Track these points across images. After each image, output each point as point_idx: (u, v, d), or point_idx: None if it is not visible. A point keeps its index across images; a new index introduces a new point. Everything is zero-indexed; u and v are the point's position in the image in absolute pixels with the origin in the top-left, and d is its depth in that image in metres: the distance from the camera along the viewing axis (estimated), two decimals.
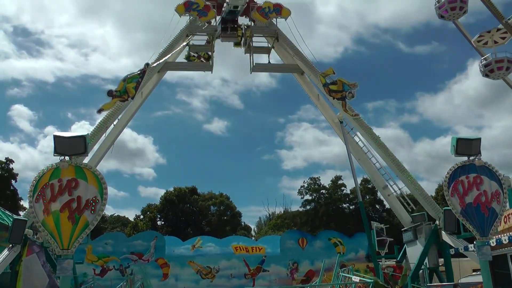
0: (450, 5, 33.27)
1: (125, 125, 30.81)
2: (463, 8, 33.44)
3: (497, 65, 33.52)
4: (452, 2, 33.28)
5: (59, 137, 20.41)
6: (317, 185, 78.99)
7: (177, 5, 32.78)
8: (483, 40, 34.48)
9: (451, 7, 33.31)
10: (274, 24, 33.88)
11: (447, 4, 33.37)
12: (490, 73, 33.95)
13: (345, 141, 31.15)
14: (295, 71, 34.03)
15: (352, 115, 30.28)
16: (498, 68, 33.54)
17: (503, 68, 33.61)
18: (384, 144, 30.31)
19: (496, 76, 34.14)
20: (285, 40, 33.30)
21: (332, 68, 30.45)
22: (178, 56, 32.92)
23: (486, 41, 34.40)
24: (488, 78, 34.62)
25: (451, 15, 33.75)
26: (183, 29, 32.51)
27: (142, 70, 28.23)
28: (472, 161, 21.32)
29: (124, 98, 27.48)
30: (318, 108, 34.25)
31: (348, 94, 29.77)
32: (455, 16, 33.99)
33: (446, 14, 33.73)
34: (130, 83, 27.77)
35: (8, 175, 60.54)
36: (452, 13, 33.54)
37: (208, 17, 33.10)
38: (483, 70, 34.17)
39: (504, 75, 34.31)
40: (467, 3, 33.48)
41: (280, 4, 34.04)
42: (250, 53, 34.05)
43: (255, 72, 35.50)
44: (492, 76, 34.19)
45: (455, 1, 33.25)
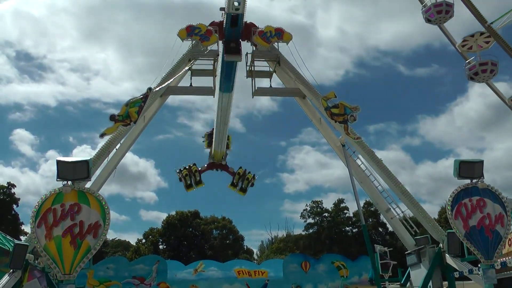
0: (436, 8, 33.76)
1: (127, 150, 30.73)
2: (449, 11, 33.90)
3: (481, 68, 33.77)
4: (438, 6, 33.78)
5: (62, 162, 20.55)
6: (319, 208, 78.97)
7: (179, 30, 32.86)
8: (467, 44, 34.69)
9: (437, 10, 33.86)
10: (275, 48, 33.97)
11: (433, 8, 33.87)
12: (475, 76, 34.22)
13: (347, 165, 31.05)
14: (296, 95, 33.98)
15: (354, 138, 30.25)
16: (482, 71, 33.76)
17: (487, 71, 33.87)
18: (386, 167, 30.22)
19: (481, 79, 34.43)
20: (287, 64, 33.39)
21: (333, 92, 30.64)
22: (181, 80, 32.85)
23: (470, 46, 34.63)
24: (473, 81, 34.94)
25: (438, 19, 34.08)
26: (186, 54, 32.58)
27: (144, 95, 28.35)
28: (475, 184, 21.33)
29: (126, 122, 27.50)
30: (320, 131, 34.10)
31: (350, 117, 29.78)
32: (442, 20, 34.37)
33: (432, 17, 34.13)
34: (132, 107, 27.80)
35: (10, 199, 60.52)
36: (438, 16, 33.95)
37: (210, 42, 33.03)
38: (468, 73, 34.43)
39: (488, 78, 34.58)
40: (453, 7, 33.88)
41: (282, 28, 34.15)
42: (252, 77, 34.02)
43: (257, 96, 35.46)
44: (477, 79, 34.48)
45: (441, 5, 33.80)
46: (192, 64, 32.66)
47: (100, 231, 19.01)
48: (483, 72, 33.43)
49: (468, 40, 34.15)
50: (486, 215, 20.22)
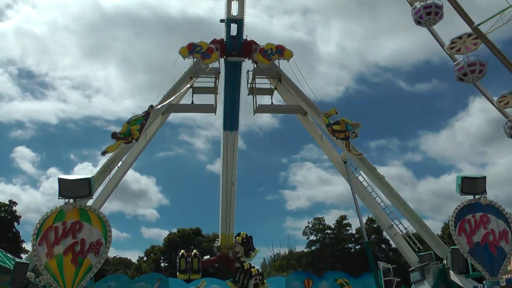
0: (425, 10, 33.91)
1: (129, 167, 30.69)
2: (438, 13, 34.02)
3: (470, 69, 33.86)
4: (427, 7, 33.94)
5: (64, 180, 20.49)
6: (321, 225, 78.51)
7: (180, 48, 32.99)
8: (455, 46, 34.75)
9: (427, 12, 34.00)
10: (276, 65, 34.01)
11: (423, 10, 34.00)
12: (464, 76, 34.31)
13: (349, 181, 31.07)
14: (298, 112, 33.96)
15: (356, 154, 30.28)
16: (471, 71, 33.84)
17: (476, 71, 33.92)
18: (388, 183, 30.12)
19: (470, 79, 34.53)
20: (288, 81, 33.39)
21: (335, 109, 30.89)
22: (182, 98, 32.95)
23: (458, 48, 34.70)
24: (462, 82, 35.07)
25: (427, 20, 34.21)
26: (187, 72, 32.62)
27: (146, 112, 28.63)
28: (478, 200, 21.20)
29: (128, 140, 27.81)
30: (321, 148, 33.97)
31: (352, 134, 30.01)
32: (431, 22, 34.49)
33: (422, 19, 34.24)
34: (134, 125, 28.08)
35: (11, 217, 60.34)
36: (428, 18, 34.12)
37: (212, 60, 33.07)
38: (457, 74, 34.48)
39: (477, 79, 34.66)
40: (442, 8, 33.99)
41: (283, 46, 34.23)
42: (253, 95, 33.99)
43: (258, 114, 35.48)
44: (466, 80, 34.54)
45: (430, 6, 33.94)
46: (193, 82, 32.74)
47: (101, 249, 18.90)
48: (472, 73, 33.60)
49: (456, 42, 34.32)
50: (490, 231, 20.07)
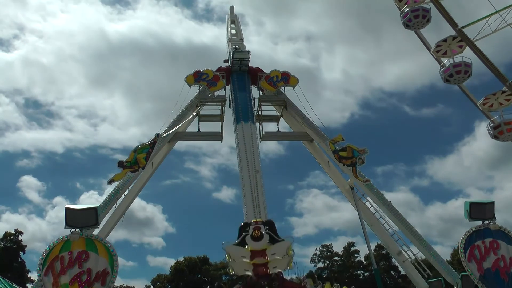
0: (413, 13, 34.35)
1: (135, 196, 30.56)
2: (425, 16, 34.34)
3: (455, 70, 33.94)
4: (415, 11, 34.18)
5: (71, 209, 20.43)
6: (329, 252, 77.82)
7: (186, 76, 33.25)
8: (441, 49, 34.84)
9: (414, 15, 34.33)
10: (282, 92, 34.16)
11: (411, 13, 34.40)
12: (450, 78, 34.31)
13: (357, 208, 30.92)
14: (304, 138, 33.91)
15: (363, 181, 30.14)
16: (457, 72, 33.95)
17: (461, 72, 33.93)
18: (396, 209, 29.83)
19: (456, 81, 34.50)
20: (294, 108, 33.47)
21: (341, 135, 30.96)
22: (188, 126, 32.99)
23: (444, 51, 34.74)
24: (448, 83, 34.98)
25: (415, 24, 34.44)
26: (193, 99, 32.80)
27: (152, 141, 28.86)
28: (487, 226, 21.00)
29: (134, 168, 27.99)
30: (328, 174, 33.86)
31: (358, 160, 30.02)
32: (419, 25, 34.79)
33: (410, 22, 34.49)
34: (140, 153, 28.28)
35: (17, 247, 60.20)
36: (416, 21, 34.46)
37: (218, 87, 33.36)
38: (492, 132, 34.25)
39: (463, 80, 34.55)
40: (430, 12, 34.37)
41: (288, 72, 34.47)
42: (259, 122, 34.01)
43: (264, 141, 35.20)
44: (452, 81, 34.53)
45: (417, 10, 34.24)
46: (199, 109, 32.88)
47: (108, 279, 18.74)
48: (457, 74, 33.59)
49: (441, 45, 34.44)
50: (500, 257, 19.83)
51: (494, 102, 34.31)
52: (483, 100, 34.68)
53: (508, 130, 33.60)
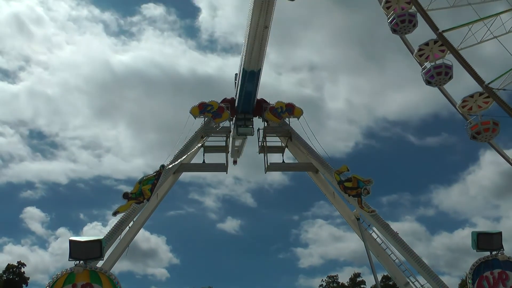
0: (436, 70, 34.41)
1: (140, 227, 30.50)
2: (448, 73, 34.37)
3: (436, 71, 34.20)
4: (438, 67, 34.35)
5: (75, 242, 20.29)
6: (335, 283, 77.03)
7: (192, 108, 33.38)
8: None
9: (437, 72, 34.40)
10: (287, 123, 34.24)
11: (433, 70, 34.51)
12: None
13: (363, 238, 30.67)
14: (309, 169, 33.82)
15: (368, 211, 29.95)
16: (437, 73, 34.21)
17: (442, 73, 34.21)
18: (402, 240, 29.58)
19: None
20: (298, 139, 33.49)
21: (346, 166, 30.84)
22: (193, 157, 32.98)
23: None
24: (429, 85, 35.19)
25: (438, 81, 34.60)
26: (198, 131, 32.88)
27: (157, 172, 28.70)
28: (495, 256, 20.75)
29: (139, 200, 27.78)
30: (333, 205, 33.79)
31: (364, 190, 29.86)
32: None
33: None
34: (145, 185, 28.10)
35: (19, 279, 59.88)
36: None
37: (222, 119, 33.51)
38: (425, 77, 34.81)
39: (444, 81, 34.82)
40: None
41: (293, 104, 34.57)
42: (264, 153, 34.04)
43: (270, 172, 35.32)
44: (433, 82, 34.76)
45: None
46: (204, 141, 32.92)
47: None
48: (438, 75, 33.70)
49: (423, 49, 34.84)
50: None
51: (472, 105, 34.54)
52: (461, 102, 34.88)
53: (485, 130, 33.95)
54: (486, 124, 33.79)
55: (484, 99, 34.30)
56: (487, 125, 33.78)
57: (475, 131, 34.07)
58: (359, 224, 31.45)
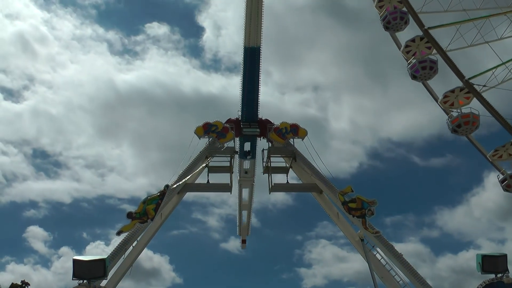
0: (420, 65, 34.16)
1: (144, 247, 30.37)
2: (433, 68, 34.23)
3: (421, 65, 34.03)
4: (423, 62, 34.18)
5: (79, 261, 20.32)
6: None
7: (196, 128, 33.45)
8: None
9: (422, 66, 34.22)
10: (291, 144, 34.18)
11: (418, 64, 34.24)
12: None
13: (367, 259, 30.47)
14: (313, 190, 33.74)
15: (373, 232, 29.83)
16: (422, 68, 34.05)
17: (427, 68, 34.01)
18: (407, 261, 29.29)
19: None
20: (303, 159, 33.44)
21: (350, 186, 30.84)
22: (198, 177, 32.96)
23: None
24: (415, 80, 35.15)
25: (423, 75, 34.49)
26: (203, 151, 32.86)
27: (161, 192, 28.80)
28: (500, 279, 20.66)
29: (143, 219, 27.82)
30: (337, 225, 33.63)
31: (368, 211, 29.83)
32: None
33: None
34: (150, 204, 28.15)
35: None
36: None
37: (227, 139, 33.53)
38: (410, 72, 34.72)
39: (429, 76, 34.62)
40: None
41: (297, 124, 34.59)
42: (268, 174, 33.92)
43: (274, 192, 35.18)
44: (418, 76, 34.66)
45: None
46: (209, 161, 32.87)
47: None
48: (465, 125, 33.48)
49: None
50: None
51: (454, 100, 34.40)
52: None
53: (465, 124, 33.76)
54: (466, 118, 33.56)
55: (465, 94, 34.04)
56: (467, 118, 33.57)
57: (455, 124, 33.87)
58: (363, 245, 31.31)
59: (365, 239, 31.24)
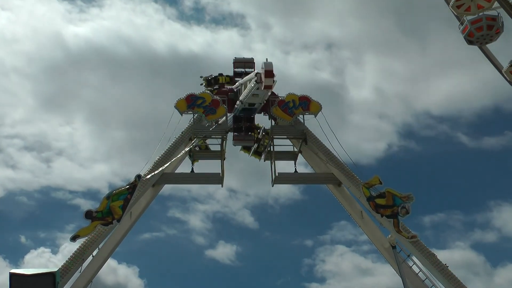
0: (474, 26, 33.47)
1: (108, 256, 29.67)
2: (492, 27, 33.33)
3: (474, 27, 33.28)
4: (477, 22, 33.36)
5: (19, 275, 19.24)
6: None
7: (177, 101, 32.50)
8: None
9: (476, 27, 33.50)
10: (301, 122, 33.42)
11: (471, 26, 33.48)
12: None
13: (400, 272, 29.60)
14: (329, 181, 33.04)
15: (408, 237, 29.47)
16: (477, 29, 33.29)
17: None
18: (453, 274, 28.94)
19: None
20: (316, 142, 32.66)
21: (378, 177, 30.40)
22: (179, 165, 32.44)
23: None
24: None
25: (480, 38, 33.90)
26: (185, 131, 32.16)
27: (131, 184, 28.27)
28: None
29: (107, 220, 27.37)
30: (360, 227, 32.95)
31: (401, 209, 29.52)
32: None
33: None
34: (115, 201, 27.71)
35: None
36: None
37: (217, 115, 32.69)
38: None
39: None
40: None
41: (308, 97, 33.61)
42: (271, 161, 33.17)
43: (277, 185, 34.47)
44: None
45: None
46: (193, 144, 32.06)
47: None
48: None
49: None
50: None
51: None
52: None
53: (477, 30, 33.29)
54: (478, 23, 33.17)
55: None
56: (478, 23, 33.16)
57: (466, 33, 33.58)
58: (394, 253, 30.42)
59: (398, 245, 30.44)
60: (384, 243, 31.30)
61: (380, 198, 29.80)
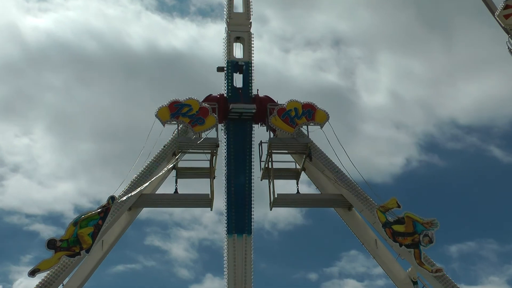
0: None
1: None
2: None
3: None
4: None
5: None
6: None
7: (159, 109, 31.31)
8: None
9: None
10: (304, 134, 32.30)
11: None
12: None
13: None
14: (338, 204, 32.01)
15: (431, 270, 28.15)
16: None
17: None
18: None
19: None
20: (322, 158, 31.61)
21: (395, 199, 29.43)
22: (161, 184, 31.39)
23: None
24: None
25: None
26: (168, 145, 31.11)
27: (103, 208, 27.71)
28: None
29: (74, 251, 26.71)
30: (375, 259, 31.66)
31: (423, 238, 28.68)
32: None
33: None
34: (84, 227, 27.16)
35: None
36: None
37: (206, 126, 31.43)
38: None
39: None
40: None
41: (313, 104, 32.45)
42: (269, 179, 32.07)
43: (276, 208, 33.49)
44: None
45: None
46: (178, 160, 31.12)
47: None
48: None
49: None
50: None
51: None
52: None
53: None
54: None
55: None
56: None
57: None
58: None
59: (419, 281, 29.27)
60: (402, 277, 30.25)
61: (398, 224, 28.88)
